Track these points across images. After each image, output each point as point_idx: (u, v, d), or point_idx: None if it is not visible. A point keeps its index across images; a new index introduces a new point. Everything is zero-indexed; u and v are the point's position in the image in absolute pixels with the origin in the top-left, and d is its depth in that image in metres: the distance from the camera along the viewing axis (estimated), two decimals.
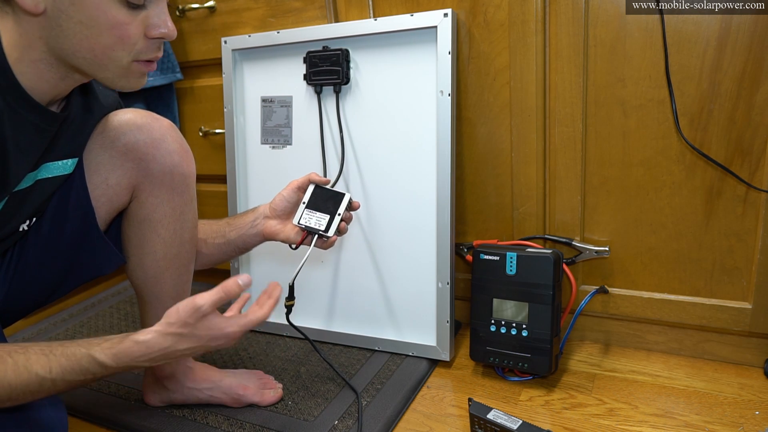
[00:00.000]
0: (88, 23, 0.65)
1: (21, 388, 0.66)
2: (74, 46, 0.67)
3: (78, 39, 0.66)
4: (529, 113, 1.06)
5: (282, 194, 0.97)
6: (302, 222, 0.93)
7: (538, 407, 0.97)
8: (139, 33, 0.68)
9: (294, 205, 0.96)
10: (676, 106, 0.96)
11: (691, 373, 1.03)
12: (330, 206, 0.92)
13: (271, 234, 0.97)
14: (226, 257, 1.03)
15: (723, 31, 0.91)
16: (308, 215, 0.92)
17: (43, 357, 0.67)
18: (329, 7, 1.20)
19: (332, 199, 0.93)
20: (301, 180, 0.96)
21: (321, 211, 0.92)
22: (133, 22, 0.67)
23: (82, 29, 0.65)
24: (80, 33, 0.66)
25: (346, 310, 1.21)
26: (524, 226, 1.13)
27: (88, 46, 0.67)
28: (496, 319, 1.03)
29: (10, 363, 0.65)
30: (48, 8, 0.64)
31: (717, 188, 0.97)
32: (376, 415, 0.95)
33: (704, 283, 1.03)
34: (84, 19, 0.65)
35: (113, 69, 0.70)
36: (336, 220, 0.91)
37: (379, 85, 1.11)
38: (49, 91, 0.71)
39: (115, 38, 0.67)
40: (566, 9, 0.99)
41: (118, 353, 0.70)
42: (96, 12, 0.65)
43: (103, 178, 0.84)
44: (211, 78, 1.39)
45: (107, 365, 0.69)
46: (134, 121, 0.84)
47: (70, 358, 0.68)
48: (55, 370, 0.67)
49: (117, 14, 0.65)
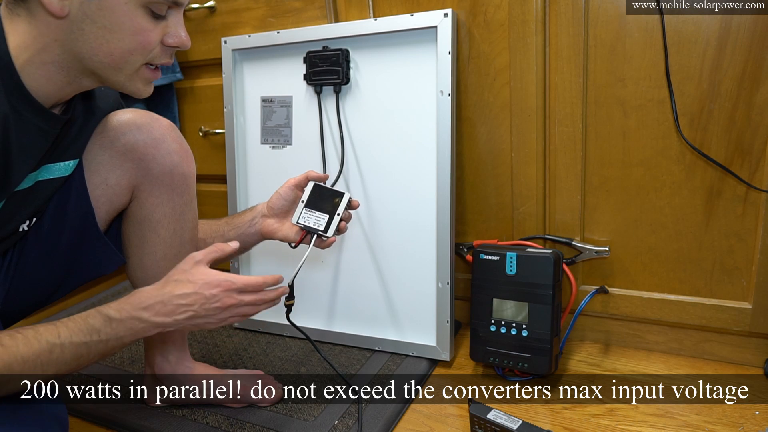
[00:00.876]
0: (112, 28, 0.68)
1: (33, 359, 0.66)
2: (93, 49, 0.68)
3: (99, 43, 0.68)
4: (529, 113, 1.06)
5: (279, 192, 0.97)
6: (301, 221, 0.92)
7: (538, 407, 0.97)
8: (158, 40, 0.71)
9: (291, 203, 0.96)
10: (676, 106, 0.96)
11: (691, 373, 1.03)
12: (329, 206, 0.91)
13: (270, 233, 0.97)
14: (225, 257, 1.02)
15: (723, 31, 0.91)
16: (307, 214, 0.92)
17: (51, 326, 0.69)
18: (329, 7, 1.20)
19: (331, 198, 0.92)
20: (298, 178, 0.95)
21: (320, 210, 0.91)
22: (155, 30, 0.70)
23: (105, 33, 0.68)
24: (102, 37, 0.68)
25: (346, 310, 1.21)
26: (524, 226, 1.13)
27: (107, 50, 0.69)
28: (496, 319, 1.03)
29: (20, 337, 0.67)
30: (72, 12, 0.66)
31: (717, 188, 0.97)
32: (376, 415, 0.95)
33: (704, 283, 1.03)
34: (109, 24, 0.67)
35: (126, 72, 0.72)
36: (335, 220, 0.91)
37: (379, 85, 1.11)
38: (54, 94, 0.71)
39: (136, 43, 0.70)
40: (566, 9, 0.99)
41: (122, 302, 0.73)
42: (123, 18, 0.67)
43: (103, 178, 0.84)
44: (211, 78, 1.39)
45: (111, 317, 0.72)
46: (134, 121, 0.84)
47: (76, 319, 0.71)
48: (63, 334, 0.69)
49: (142, 22, 0.69)
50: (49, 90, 0.70)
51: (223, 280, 0.76)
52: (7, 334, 0.66)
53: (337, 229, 0.92)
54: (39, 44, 0.67)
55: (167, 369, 0.98)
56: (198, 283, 0.75)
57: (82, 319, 0.71)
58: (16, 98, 0.67)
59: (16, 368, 0.65)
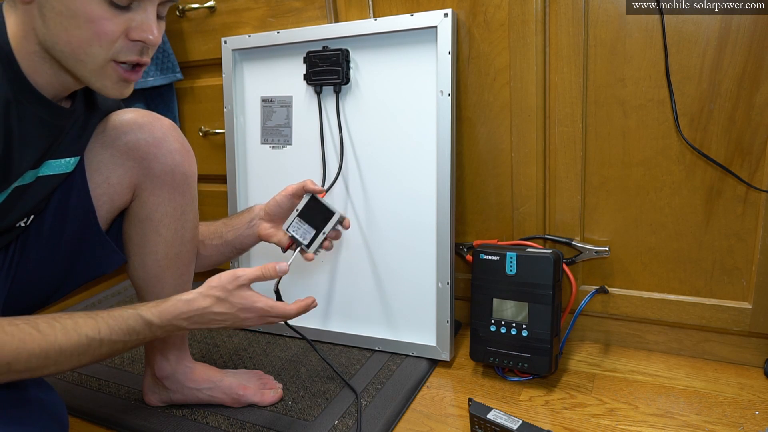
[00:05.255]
0: (67, 14, 0.65)
1: (70, 350, 0.68)
2: (54, 37, 0.66)
3: (57, 30, 0.66)
4: (529, 113, 1.06)
5: (276, 199, 0.96)
6: (290, 230, 0.93)
7: (538, 407, 0.97)
8: (119, 32, 0.67)
9: (286, 210, 0.96)
10: (676, 106, 0.96)
11: (691, 373, 1.03)
12: (319, 221, 0.92)
13: (266, 236, 0.98)
14: (225, 258, 1.03)
15: (723, 31, 0.91)
16: (297, 224, 0.93)
17: (90, 320, 0.70)
18: (329, 7, 1.20)
19: (323, 214, 0.91)
20: (296, 186, 0.94)
21: (310, 224, 0.92)
22: (113, 20, 0.66)
23: (62, 20, 0.65)
24: (60, 24, 0.65)
25: (346, 310, 1.21)
26: (524, 226, 1.13)
27: (66, 39, 0.66)
28: (496, 319, 1.03)
29: (58, 327, 0.67)
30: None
31: (717, 188, 0.97)
32: (376, 415, 0.95)
33: (704, 283, 1.03)
34: (64, 9, 0.65)
35: (90, 66, 0.68)
36: (319, 238, 0.91)
37: (379, 85, 1.12)
38: (46, 86, 0.71)
39: (91, 32, 0.66)
40: (566, 9, 0.99)
41: (163, 311, 0.74)
42: (75, 4, 0.64)
43: (105, 177, 0.84)
44: (211, 78, 1.39)
45: (152, 322, 0.74)
46: (135, 120, 0.84)
47: (117, 318, 0.72)
48: (103, 331, 0.70)
49: (96, 9, 0.65)
50: (41, 81, 0.70)
51: (260, 308, 0.79)
52: (45, 321, 0.67)
53: (320, 246, 0.92)
54: (22, 33, 0.67)
55: (167, 369, 0.98)
56: (236, 306, 0.78)
57: (122, 320, 0.72)
58: (17, 87, 0.67)
59: (52, 356, 0.66)
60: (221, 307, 0.77)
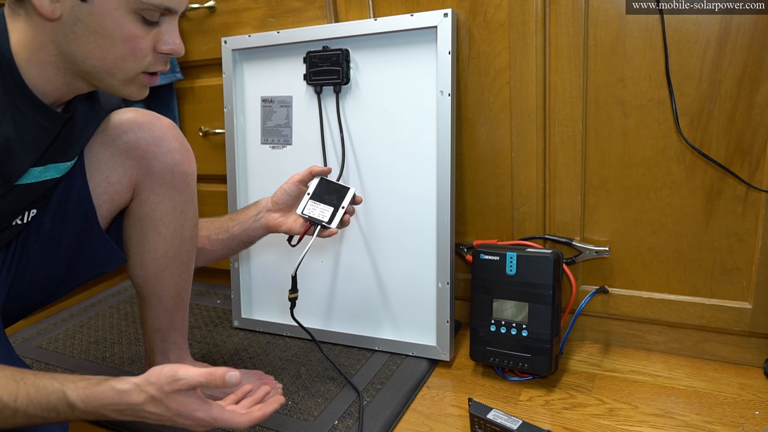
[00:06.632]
0: (103, 33, 0.67)
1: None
2: (86, 53, 0.68)
3: (91, 47, 0.67)
4: (529, 113, 1.06)
5: (283, 188, 0.99)
6: (306, 212, 0.94)
7: (538, 407, 0.97)
8: (150, 47, 0.70)
9: (295, 198, 0.98)
10: (676, 106, 0.96)
11: (691, 373, 1.03)
12: (334, 199, 0.95)
13: (275, 226, 0.99)
14: (230, 252, 1.04)
15: (723, 31, 0.91)
16: (312, 206, 0.94)
17: (13, 383, 0.64)
18: (329, 7, 1.20)
19: (336, 191, 0.95)
20: (302, 174, 0.98)
21: (325, 203, 0.94)
22: (146, 37, 0.69)
23: (97, 38, 0.67)
24: (94, 42, 0.67)
25: (346, 309, 1.21)
26: (524, 226, 1.13)
27: (100, 55, 0.68)
28: (496, 319, 1.03)
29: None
30: (64, 15, 0.65)
31: (717, 188, 0.97)
32: (376, 415, 0.95)
33: (704, 283, 1.03)
34: (99, 29, 0.66)
35: (120, 77, 0.71)
36: (340, 213, 0.94)
37: (379, 85, 1.12)
38: (52, 93, 0.71)
39: (127, 50, 0.69)
40: (566, 9, 0.99)
41: (90, 396, 0.66)
42: (113, 24, 0.66)
43: (105, 176, 0.84)
44: (211, 78, 1.39)
45: (75, 407, 0.65)
46: (135, 119, 0.84)
47: (40, 390, 0.65)
48: (20, 400, 0.63)
49: (132, 28, 0.67)
50: (47, 89, 0.70)
51: (200, 417, 0.69)
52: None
53: (341, 221, 0.94)
54: (37, 44, 0.67)
55: None
56: (172, 411, 0.68)
57: (45, 394, 0.65)
58: (17, 94, 0.67)
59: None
60: (155, 407, 0.67)
